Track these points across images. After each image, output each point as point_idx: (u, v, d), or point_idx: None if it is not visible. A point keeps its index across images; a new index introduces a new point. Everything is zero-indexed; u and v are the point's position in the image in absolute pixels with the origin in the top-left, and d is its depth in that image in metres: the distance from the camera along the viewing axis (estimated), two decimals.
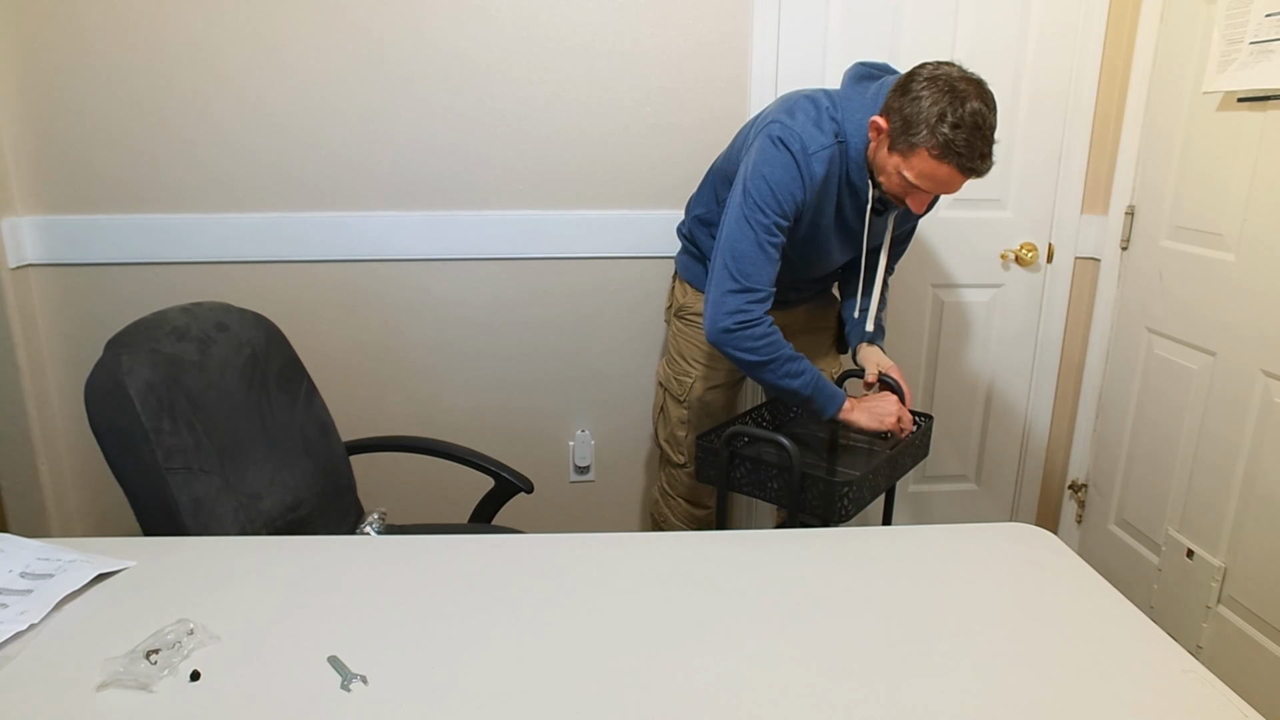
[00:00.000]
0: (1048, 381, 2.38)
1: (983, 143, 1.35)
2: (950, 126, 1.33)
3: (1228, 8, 1.76)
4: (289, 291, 2.09)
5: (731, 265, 1.51)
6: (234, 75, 1.94)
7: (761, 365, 1.51)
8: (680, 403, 1.85)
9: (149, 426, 1.21)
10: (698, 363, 1.83)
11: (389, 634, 0.96)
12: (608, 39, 2.01)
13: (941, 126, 1.33)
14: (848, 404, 1.57)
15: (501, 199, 2.09)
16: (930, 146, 1.35)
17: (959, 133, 1.33)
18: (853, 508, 1.45)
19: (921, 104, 1.35)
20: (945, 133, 1.33)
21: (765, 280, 1.52)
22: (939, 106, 1.33)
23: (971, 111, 1.33)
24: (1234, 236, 1.79)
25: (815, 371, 1.55)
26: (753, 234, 1.50)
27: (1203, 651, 1.88)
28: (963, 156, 1.35)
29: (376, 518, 1.57)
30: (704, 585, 1.07)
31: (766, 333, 1.51)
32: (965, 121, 1.33)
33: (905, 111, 1.37)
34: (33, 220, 1.97)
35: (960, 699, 0.86)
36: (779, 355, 1.51)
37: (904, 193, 1.46)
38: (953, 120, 1.33)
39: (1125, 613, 1.02)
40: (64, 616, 0.98)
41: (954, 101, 1.33)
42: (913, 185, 1.42)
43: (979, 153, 1.35)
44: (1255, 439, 1.74)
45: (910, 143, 1.37)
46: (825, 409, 1.57)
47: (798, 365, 1.52)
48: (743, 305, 1.50)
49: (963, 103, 1.33)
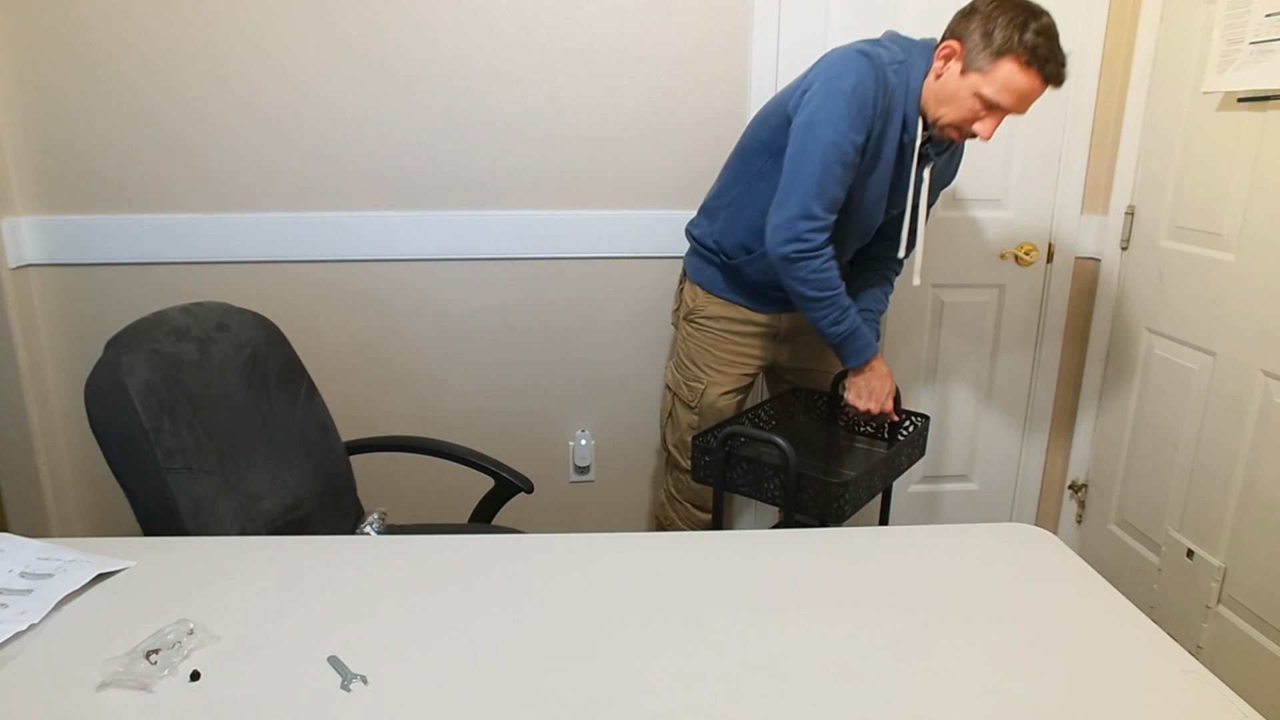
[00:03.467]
0: (1048, 381, 2.38)
1: (1062, 52, 1.43)
2: (1034, 33, 1.40)
3: (1228, 8, 1.76)
4: (289, 291, 2.09)
5: (802, 186, 1.49)
6: (234, 75, 1.94)
7: (811, 301, 1.55)
8: (691, 408, 1.84)
9: (149, 426, 1.21)
10: (710, 368, 1.81)
11: (389, 634, 0.96)
12: (608, 39, 2.01)
13: (1027, 34, 1.40)
14: (877, 365, 1.64)
15: (501, 199, 2.09)
16: (1018, 54, 1.41)
17: (1043, 39, 1.40)
18: (849, 508, 1.45)
19: (1001, 16, 1.42)
20: (1030, 39, 1.40)
21: (836, 201, 1.51)
22: (1020, 17, 1.41)
23: (1047, 24, 1.42)
24: (1234, 236, 1.79)
25: (856, 323, 1.59)
26: (821, 153, 1.47)
27: (1203, 651, 1.88)
28: (1048, 63, 1.41)
29: (376, 518, 1.57)
30: (704, 585, 1.07)
31: (823, 267, 1.53)
32: (1047, 30, 1.41)
33: (985, 27, 1.43)
34: (33, 220, 1.97)
35: (960, 699, 0.86)
36: (828, 295, 1.55)
37: (975, 117, 1.48)
38: (1036, 28, 1.40)
39: (1125, 613, 1.02)
40: (64, 616, 0.98)
41: (1032, 14, 1.41)
42: (991, 103, 1.45)
43: (1060, 60, 1.43)
44: (1255, 439, 1.74)
45: (996, 53, 1.42)
46: (851, 359, 1.63)
47: (844, 312, 1.57)
48: (802, 234, 1.50)
49: (1039, 15, 1.41)
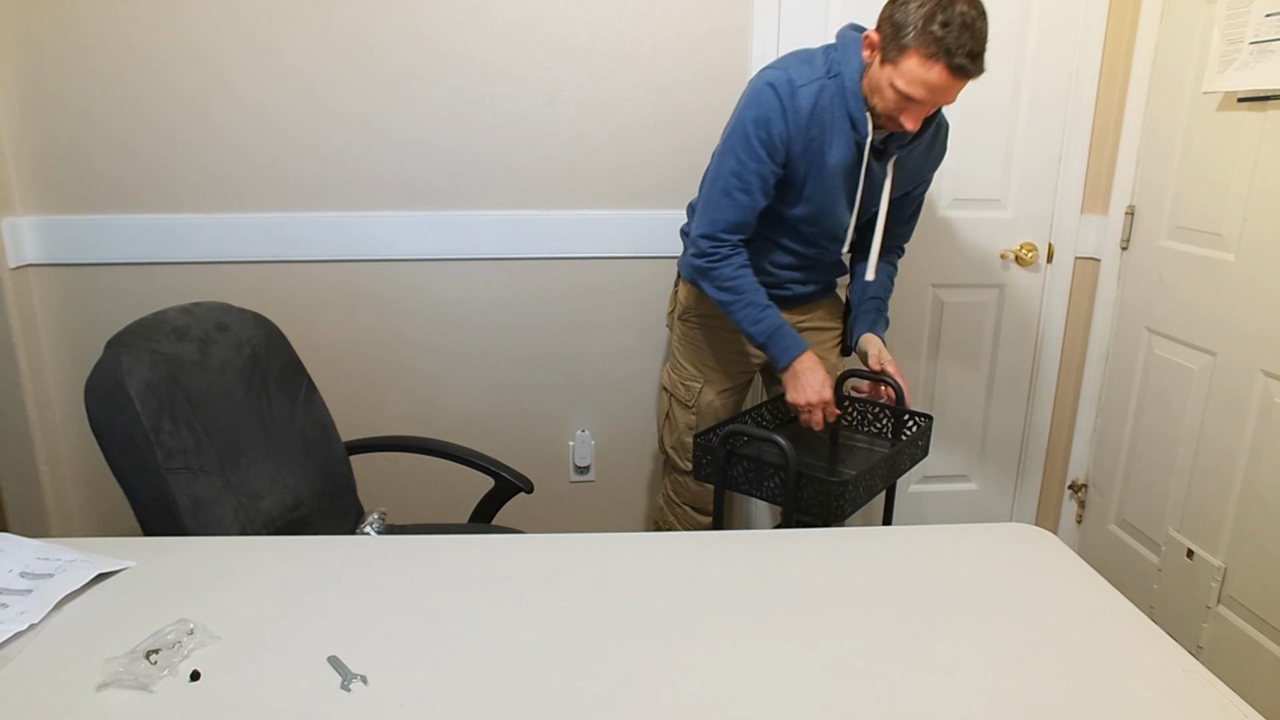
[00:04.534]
0: (1048, 381, 2.38)
1: (973, 40, 1.36)
2: (940, 25, 1.35)
3: (1228, 8, 1.76)
4: (289, 291, 2.09)
5: (705, 210, 1.62)
6: (234, 75, 1.94)
7: (725, 304, 1.63)
8: (688, 408, 1.84)
9: (149, 426, 1.21)
10: (706, 367, 1.82)
11: (389, 634, 0.96)
12: (608, 38, 2.01)
13: (931, 25, 1.35)
14: (804, 360, 1.61)
15: (501, 199, 2.09)
16: (920, 45, 1.37)
17: (948, 31, 1.35)
18: (849, 507, 1.45)
19: (909, 6, 1.37)
20: (934, 30, 1.35)
21: (733, 225, 1.59)
22: (927, 8, 1.36)
23: (960, 12, 1.35)
24: (1234, 236, 1.79)
25: (778, 322, 1.62)
26: (723, 180, 1.58)
27: (1203, 651, 1.88)
28: (951, 53, 1.36)
29: (376, 518, 1.57)
30: (704, 585, 1.07)
31: (733, 275, 1.61)
32: (954, 20, 1.35)
33: (895, 17, 1.40)
34: (33, 220, 1.97)
35: (960, 699, 0.86)
36: (742, 298, 1.61)
37: (898, 109, 1.46)
38: (942, 19, 1.35)
39: (1125, 613, 1.02)
40: (64, 616, 0.98)
41: (942, 4, 1.35)
42: (906, 96, 1.43)
43: (968, 50, 1.36)
44: (1255, 439, 1.74)
45: (900, 45, 1.39)
46: (779, 360, 1.63)
47: (760, 313, 1.61)
48: (706, 250, 1.61)
49: (951, 5, 1.35)
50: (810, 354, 1.63)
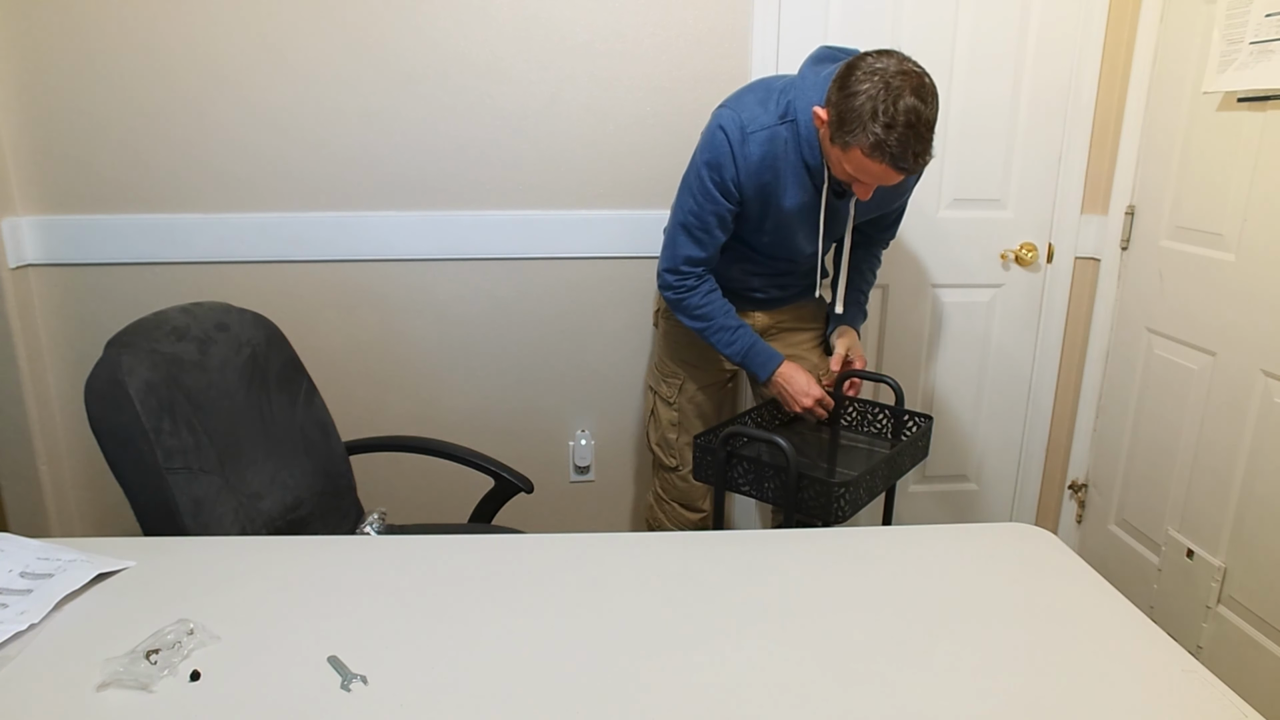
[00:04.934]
0: (1048, 381, 2.38)
1: (916, 140, 1.34)
2: (883, 126, 1.33)
3: (1228, 8, 1.76)
4: (289, 291, 2.09)
5: (668, 246, 1.67)
6: (234, 75, 1.94)
7: (699, 330, 1.70)
8: (670, 405, 1.85)
9: (149, 426, 1.21)
10: (687, 363, 1.83)
11: (389, 634, 0.96)
12: (607, 38, 2.01)
13: (874, 125, 1.33)
14: (783, 372, 1.68)
15: (501, 199, 2.09)
16: (863, 145, 1.36)
17: (891, 132, 1.33)
18: (849, 508, 1.45)
19: (855, 101, 1.34)
20: (877, 132, 1.33)
21: (695, 259, 1.64)
22: (872, 104, 1.33)
23: (905, 109, 1.32)
24: (1234, 237, 1.79)
25: (751, 340, 1.69)
26: (683, 218, 1.62)
27: (1203, 651, 1.88)
28: (895, 156, 1.35)
29: (376, 518, 1.57)
30: (703, 585, 1.07)
31: (701, 303, 1.67)
32: (898, 120, 1.32)
33: (841, 108, 1.37)
34: (33, 220, 1.97)
35: (960, 699, 0.86)
36: (712, 323, 1.68)
37: (848, 180, 1.48)
38: (885, 120, 1.32)
39: (1125, 613, 1.02)
40: (64, 616, 0.98)
41: (888, 98, 1.32)
42: (853, 176, 1.44)
43: (911, 151, 1.35)
44: (1255, 439, 1.74)
45: (845, 140, 1.38)
46: (760, 372, 1.70)
47: (731, 335, 1.68)
48: (671, 283, 1.68)
49: (896, 100, 1.32)
50: (786, 363, 1.69)
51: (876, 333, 2.31)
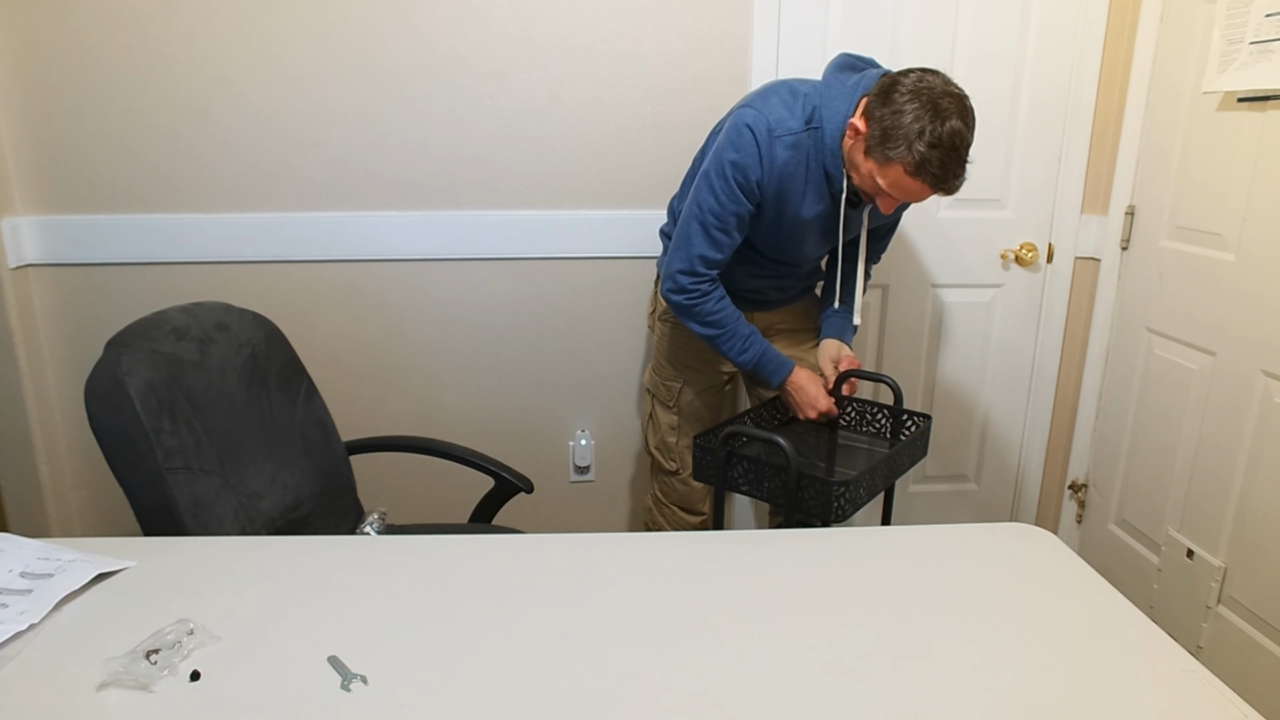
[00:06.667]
0: (1048, 381, 2.38)
1: (957, 164, 1.36)
2: (928, 145, 1.33)
3: (1228, 8, 1.76)
4: (289, 291, 2.09)
5: (683, 245, 1.60)
6: (234, 75, 1.94)
7: (709, 337, 1.66)
8: (669, 408, 1.85)
9: (149, 426, 1.21)
10: (686, 367, 1.82)
11: (389, 634, 0.96)
12: (608, 39, 2.01)
13: (919, 144, 1.33)
14: (794, 380, 1.68)
15: (501, 199, 2.09)
16: (906, 163, 1.35)
17: (935, 152, 1.33)
18: (849, 508, 1.45)
19: (903, 118, 1.34)
20: (922, 150, 1.33)
21: (711, 262, 1.60)
22: (920, 123, 1.33)
23: (951, 131, 1.32)
24: (1234, 237, 1.79)
25: (762, 347, 1.67)
26: (702, 217, 1.57)
27: (1203, 651, 1.88)
28: (937, 178, 1.36)
29: (376, 518, 1.57)
30: (704, 585, 1.07)
31: (713, 309, 1.63)
32: (943, 141, 1.32)
33: (885, 122, 1.36)
34: (33, 220, 1.97)
35: (960, 699, 0.86)
36: (724, 331, 1.65)
37: (875, 194, 1.47)
38: (930, 139, 1.32)
39: (1125, 613, 1.02)
40: (64, 616, 0.98)
41: (935, 119, 1.32)
42: (884, 191, 1.43)
43: (953, 173, 1.36)
44: (1255, 439, 1.74)
45: (886, 155, 1.37)
46: (771, 379, 1.69)
47: (744, 343, 1.65)
48: (685, 286, 1.62)
49: (943, 121, 1.32)
50: (798, 370, 1.69)
51: (876, 333, 2.31)
